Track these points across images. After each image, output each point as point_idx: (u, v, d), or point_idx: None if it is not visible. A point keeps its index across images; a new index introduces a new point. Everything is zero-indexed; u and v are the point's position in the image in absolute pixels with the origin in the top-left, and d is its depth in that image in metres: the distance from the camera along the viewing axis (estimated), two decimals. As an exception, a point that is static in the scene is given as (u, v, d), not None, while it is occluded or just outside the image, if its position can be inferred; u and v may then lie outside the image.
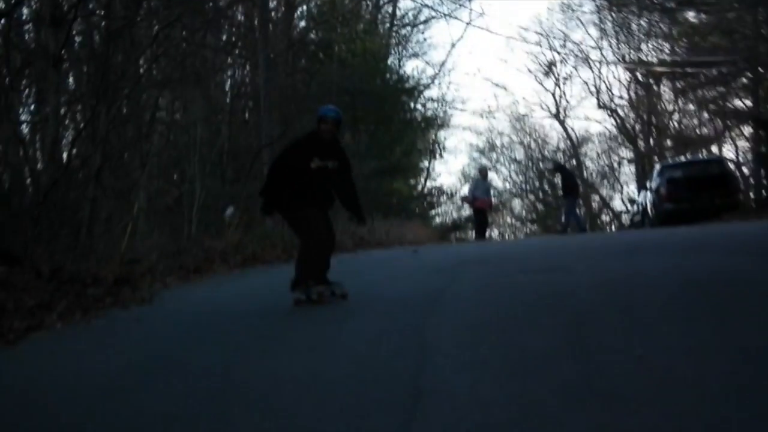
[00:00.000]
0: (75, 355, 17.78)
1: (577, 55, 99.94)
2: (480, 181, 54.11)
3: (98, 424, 13.06)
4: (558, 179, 55.57)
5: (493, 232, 57.56)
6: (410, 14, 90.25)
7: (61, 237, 29.25)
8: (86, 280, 24.41)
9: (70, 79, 34.82)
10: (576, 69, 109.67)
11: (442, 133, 77.24)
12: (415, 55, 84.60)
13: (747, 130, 61.42)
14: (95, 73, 33.36)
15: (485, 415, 11.91)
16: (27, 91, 34.72)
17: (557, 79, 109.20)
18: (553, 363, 14.27)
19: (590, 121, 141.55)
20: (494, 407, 12.17)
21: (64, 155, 31.22)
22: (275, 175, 23.20)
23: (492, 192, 54.24)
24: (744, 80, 61.99)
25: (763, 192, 52.12)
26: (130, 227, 35.09)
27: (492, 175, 75.00)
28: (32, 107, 34.76)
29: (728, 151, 62.60)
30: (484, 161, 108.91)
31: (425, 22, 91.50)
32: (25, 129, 34.28)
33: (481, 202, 54.27)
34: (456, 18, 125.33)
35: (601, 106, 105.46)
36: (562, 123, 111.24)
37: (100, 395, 14.71)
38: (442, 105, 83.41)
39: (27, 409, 14.28)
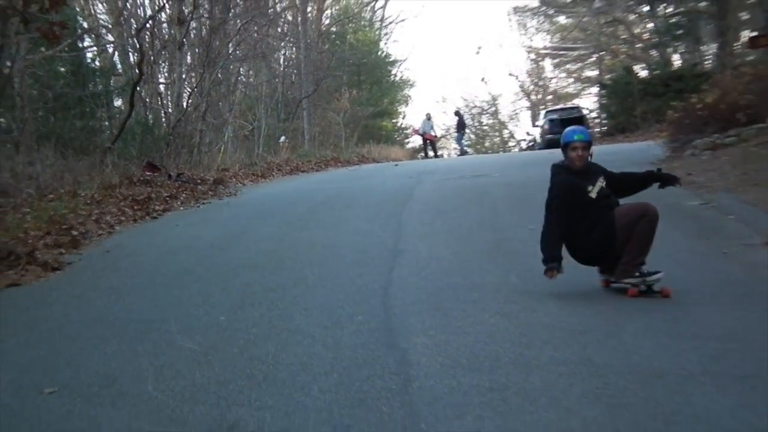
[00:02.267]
0: (192, 226, 17.81)
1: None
2: (426, 122, 53.12)
3: (205, 268, 13.26)
4: (455, 121, 55.16)
5: (444, 154, 56.25)
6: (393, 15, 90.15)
7: (182, 154, 29.10)
8: (197, 180, 24.33)
9: (188, 57, 34.73)
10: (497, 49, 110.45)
11: (411, 90, 75.67)
12: (395, 41, 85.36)
13: (594, 90, 62.81)
14: (202, 53, 33.81)
15: (438, 265, 12.42)
16: (163, 64, 34.81)
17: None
18: (478, 233, 14.80)
19: (504, 83, 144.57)
20: (443, 261, 12.67)
21: (184, 104, 31.32)
22: None
23: (434, 128, 53.70)
24: (592, 59, 65.03)
25: (603, 127, 52.72)
26: (223, 149, 35.49)
27: (439, 118, 73.42)
28: (166, 74, 34.71)
29: (583, 102, 62.70)
30: (432, 110, 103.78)
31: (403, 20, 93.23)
32: (161, 87, 34.28)
33: (428, 135, 54.13)
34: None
35: (510, 74, 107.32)
36: (486, 84, 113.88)
37: (205, 249, 14.97)
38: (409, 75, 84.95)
39: (168, 257, 14.53)
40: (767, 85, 24.46)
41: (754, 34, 26.97)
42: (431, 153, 54.11)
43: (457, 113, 59.16)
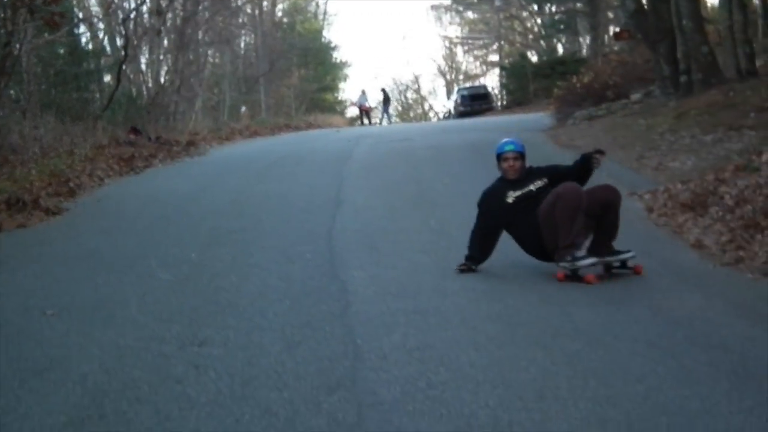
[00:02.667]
0: (168, 179, 17.67)
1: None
2: (362, 96, 52.76)
3: (179, 214, 13.17)
4: (382, 97, 54.95)
5: (377, 123, 55.86)
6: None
7: (160, 121, 29.21)
8: (172, 143, 24.03)
9: (165, 42, 34.58)
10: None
11: (349, 70, 74.79)
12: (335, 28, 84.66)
13: (496, 71, 62.91)
14: (177, 39, 34.05)
15: (372, 212, 12.40)
16: (145, 47, 34.60)
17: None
18: (404, 186, 14.65)
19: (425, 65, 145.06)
20: (376, 209, 12.64)
21: (162, 80, 31.77)
22: None
23: (368, 101, 53.62)
24: (494, 47, 64.72)
25: (503, 102, 53.96)
26: (194, 117, 35.54)
27: (372, 93, 72.82)
28: (147, 55, 34.51)
29: (488, 81, 62.66)
30: (367, 86, 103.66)
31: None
32: (143, 66, 34.28)
33: (363, 107, 53.65)
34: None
35: (429, 58, 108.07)
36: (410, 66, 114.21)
37: (179, 199, 14.79)
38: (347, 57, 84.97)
39: (149, 205, 14.31)
40: (629, 69, 27.61)
41: (617, 29, 28.25)
42: (366, 121, 53.45)
43: (382, 90, 58.53)
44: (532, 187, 8.26)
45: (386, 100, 57.60)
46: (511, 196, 8.24)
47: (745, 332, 6.49)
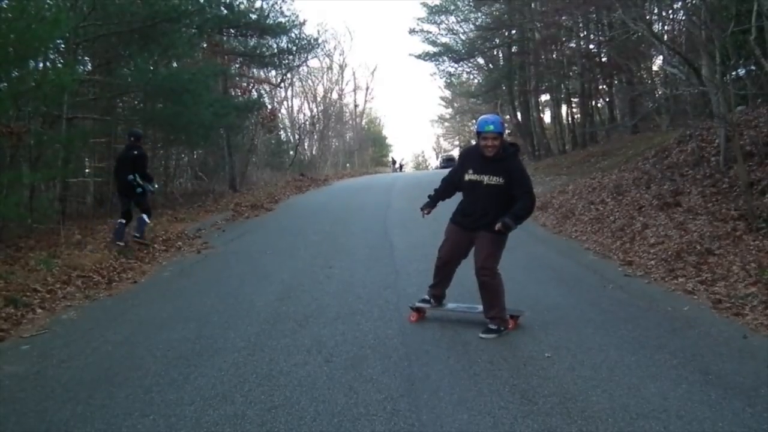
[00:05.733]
0: (316, 195, 17.50)
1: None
2: (392, 164, 48.59)
3: (321, 211, 12.90)
4: (392, 161, 47.84)
5: (399, 170, 51.93)
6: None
7: (312, 170, 28.98)
8: (318, 179, 23.64)
9: (315, 136, 34.48)
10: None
11: (392, 147, 73.41)
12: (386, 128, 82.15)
13: (458, 149, 58.48)
14: (319, 134, 34.13)
15: (405, 210, 11.93)
16: (306, 138, 34.11)
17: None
18: (418, 197, 13.87)
19: (427, 145, 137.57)
20: (406, 209, 12.17)
21: (314, 152, 31.08)
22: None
23: (395, 164, 48.37)
24: (457, 138, 60.34)
25: None
26: (327, 168, 35.08)
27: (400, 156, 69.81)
28: (307, 141, 33.91)
29: (455, 153, 59.60)
30: (397, 156, 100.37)
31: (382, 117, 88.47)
32: (306, 146, 34.26)
33: (393, 167, 43.80)
34: None
35: (430, 144, 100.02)
36: (419, 145, 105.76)
37: (321, 203, 14.39)
38: (391, 141, 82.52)
39: (307, 206, 14.08)
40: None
41: (509, 131, 26.86)
42: (400, 171, 50.58)
43: (392, 160, 49.86)
44: (485, 179, 4.09)
45: (393, 163, 48.77)
46: (469, 175, 4.18)
47: (562, 262, 6.45)
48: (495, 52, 26.11)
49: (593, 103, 22.11)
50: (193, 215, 11.85)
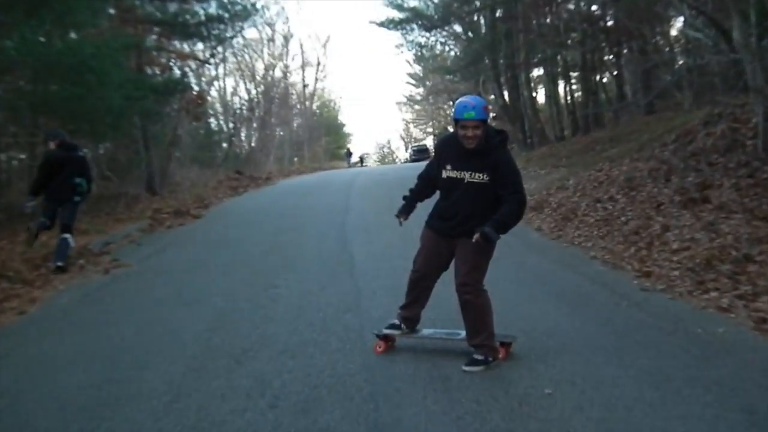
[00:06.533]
0: (256, 198, 17.54)
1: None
2: (362, 155, 50.86)
3: (261, 215, 12.91)
4: (346, 154, 48.05)
5: (367, 165, 53.06)
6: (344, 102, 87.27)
7: (251, 166, 29.29)
8: (258, 178, 23.72)
9: (254, 124, 34.65)
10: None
11: (352, 137, 73.20)
12: (345, 116, 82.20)
13: (431, 137, 59.22)
14: (260, 122, 34.41)
15: (366, 212, 12.09)
16: (243, 127, 34.47)
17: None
18: (382, 197, 13.59)
19: (393, 133, 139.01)
20: (368, 211, 12.34)
21: (253, 144, 31.63)
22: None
23: (352, 157, 49.98)
24: (430, 124, 61.33)
25: None
26: (269, 164, 35.06)
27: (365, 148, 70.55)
28: (245, 131, 34.43)
29: (428, 142, 60.20)
30: (362, 147, 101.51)
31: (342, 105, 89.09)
32: (243, 137, 34.66)
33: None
34: None
35: (395, 129, 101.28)
36: (385, 133, 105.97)
37: (263, 208, 14.40)
38: (349, 130, 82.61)
39: (246, 212, 14.08)
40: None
41: (494, 114, 27.27)
42: (360, 165, 50.70)
43: (348, 152, 50.08)
44: (467, 176, 4.00)
45: (349, 155, 48.73)
46: (447, 171, 4.09)
47: (562, 274, 6.58)
48: (475, 18, 26.06)
49: (597, 77, 22.51)
50: (98, 225, 11.73)
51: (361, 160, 51.36)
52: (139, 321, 5.59)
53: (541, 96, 30.69)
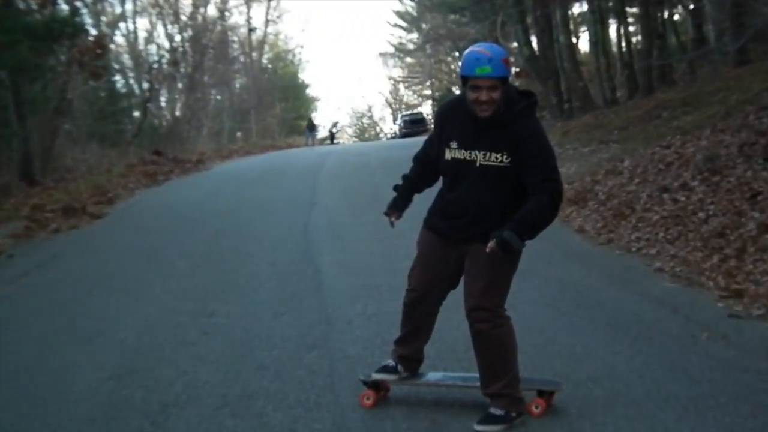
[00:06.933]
0: (183, 189, 17.36)
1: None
2: (333, 125, 50.76)
3: (192, 214, 12.99)
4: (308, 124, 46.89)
5: (340, 142, 52.93)
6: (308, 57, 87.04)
7: (176, 145, 29.40)
8: (185, 161, 23.56)
9: (179, 84, 34.82)
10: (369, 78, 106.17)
11: (319, 102, 73.14)
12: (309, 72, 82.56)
13: (429, 102, 59.76)
14: (188, 82, 34.86)
15: (338, 210, 12.21)
16: (164, 89, 34.83)
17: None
18: (362, 189, 14.24)
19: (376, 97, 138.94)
20: (341, 208, 12.46)
21: (177, 113, 31.87)
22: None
23: (337, 129, 50.57)
24: (428, 83, 61.27)
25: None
26: (201, 140, 35.34)
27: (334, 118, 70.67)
28: (166, 95, 34.77)
29: (424, 109, 60.33)
30: (335, 116, 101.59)
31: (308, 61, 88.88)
32: (163, 103, 35.42)
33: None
34: None
35: (378, 92, 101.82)
36: (364, 98, 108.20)
37: (193, 203, 14.46)
38: (317, 93, 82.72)
39: (168, 209, 14.05)
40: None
41: (517, 69, 27.30)
42: (330, 142, 50.52)
43: (310, 124, 46.58)
44: (480, 157, 3.92)
45: (312, 129, 45.83)
46: (451, 150, 4.02)
47: (614, 294, 6.61)
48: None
49: (665, 13, 22.53)
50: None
51: (332, 135, 51.20)
52: (11, 366, 5.56)
53: (584, 43, 30.83)
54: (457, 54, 56.55)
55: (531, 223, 3.84)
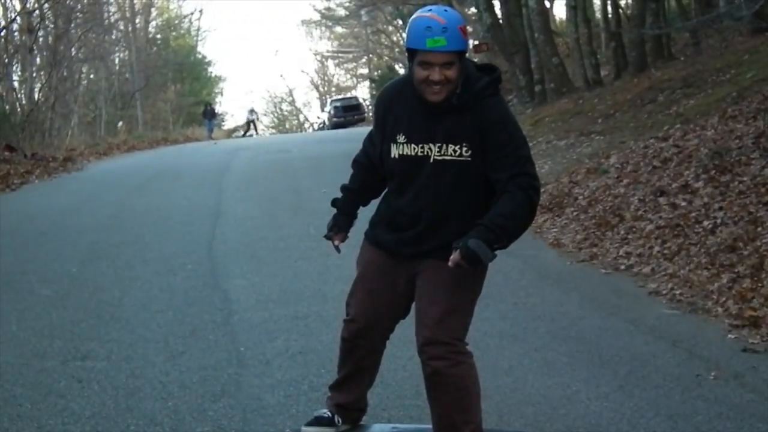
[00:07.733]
0: (46, 196, 17.17)
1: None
2: (250, 112, 51.25)
3: (58, 229, 12.79)
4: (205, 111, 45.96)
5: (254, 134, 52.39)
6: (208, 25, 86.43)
7: (36, 137, 28.49)
8: (49, 159, 23.21)
9: (38, 59, 34.15)
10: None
11: (224, 84, 72.38)
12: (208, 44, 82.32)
13: (367, 83, 60.32)
14: (49, 56, 33.74)
15: (252, 222, 12.27)
16: (17, 65, 33.89)
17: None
18: (283, 196, 14.44)
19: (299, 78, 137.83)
20: (256, 218, 12.51)
21: (36, 97, 31.26)
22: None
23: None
24: (363, 60, 61.72)
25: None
26: (70, 132, 34.81)
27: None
28: (19, 73, 33.79)
29: (359, 92, 60.66)
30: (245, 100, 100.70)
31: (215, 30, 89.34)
32: (16, 84, 33.69)
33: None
34: None
35: (302, 71, 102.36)
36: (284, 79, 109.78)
37: (58, 214, 14.23)
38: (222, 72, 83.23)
39: (26, 221, 13.76)
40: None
41: (476, 42, 27.55)
42: (249, 133, 50.49)
43: (208, 110, 48.85)
44: (434, 151, 3.89)
45: (211, 116, 48.40)
46: (398, 145, 3.97)
47: (599, 323, 6.72)
48: None
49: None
50: None
51: (250, 124, 50.88)
52: None
53: (560, 7, 31.20)
54: (400, 22, 56.65)
55: (502, 228, 3.72)
